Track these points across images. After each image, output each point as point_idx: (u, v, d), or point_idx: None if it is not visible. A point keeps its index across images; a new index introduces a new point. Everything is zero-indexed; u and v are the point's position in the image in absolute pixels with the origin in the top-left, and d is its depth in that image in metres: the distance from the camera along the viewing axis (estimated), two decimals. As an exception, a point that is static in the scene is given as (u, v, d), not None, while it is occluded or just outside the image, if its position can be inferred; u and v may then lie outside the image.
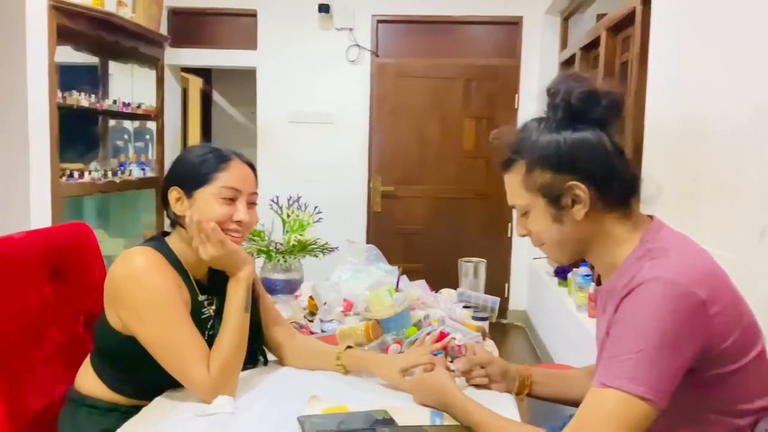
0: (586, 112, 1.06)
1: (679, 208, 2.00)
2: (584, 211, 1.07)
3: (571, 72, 1.15)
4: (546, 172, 1.07)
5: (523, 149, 1.10)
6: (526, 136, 1.10)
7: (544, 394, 1.39)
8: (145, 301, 1.27)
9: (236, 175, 1.37)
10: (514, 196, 1.14)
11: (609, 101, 1.07)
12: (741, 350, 1.02)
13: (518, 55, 4.74)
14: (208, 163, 1.36)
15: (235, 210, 1.36)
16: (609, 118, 1.08)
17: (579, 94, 1.05)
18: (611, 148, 1.07)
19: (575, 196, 1.06)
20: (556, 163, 1.06)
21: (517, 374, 1.38)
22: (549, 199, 1.08)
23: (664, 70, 2.24)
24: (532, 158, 1.08)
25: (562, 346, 3.61)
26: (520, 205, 1.13)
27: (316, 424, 1.13)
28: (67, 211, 3.57)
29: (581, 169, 1.06)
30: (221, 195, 1.34)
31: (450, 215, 4.82)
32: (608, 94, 1.07)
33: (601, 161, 1.06)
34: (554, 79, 1.11)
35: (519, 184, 1.11)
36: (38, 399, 1.42)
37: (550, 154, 1.06)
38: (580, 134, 1.06)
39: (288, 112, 4.81)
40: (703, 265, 1.03)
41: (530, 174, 1.09)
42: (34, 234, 1.56)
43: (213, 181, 1.34)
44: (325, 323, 1.77)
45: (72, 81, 3.62)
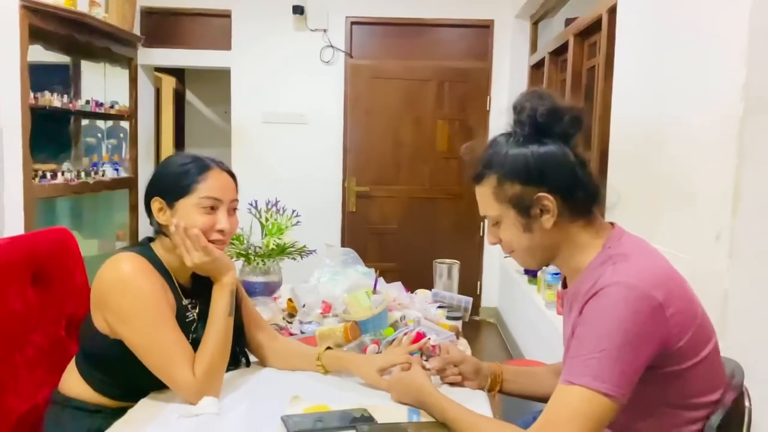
0: (551, 127, 1.13)
1: (642, 211, 2.09)
2: (552, 220, 1.14)
3: (535, 89, 1.21)
4: (516, 185, 1.14)
5: (493, 164, 1.16)
6: (496, 151, 1.17)
7: (514, 390, 1.46)
8: (132, 306, 1.30)
9: (216, 185, 1.40)
10: (485, 207, 1.21)
11: (571, 117, 1.14)
12: (695, 348, 1.10)
13: (490, 57, 4.83)
14: (188, 173, 1.39)
15: (217, 219, 1.40)
16: (572, 132, 1.15)
17: (543, 111, 1.13)
18: (575, 160, 1.14)
19: (543, 206, 1.14)
20: (525, 176, 1.13)
21: (488, 372, 1.45)
22: (519, 209, 1.15)
23: (628, 78, 2.34)
24: (502, 172, 1.15)
25: (531, 341, 3.71)
26: (491, 215, 1.20)
27: (298, 423, 1.17)
28: (40, 212, 3.55)
29: (548, 181, 1.13)
30: (202, 205, 1.38)
31: (423, 215, 4.90)
32: (570, 110, 1.15)
33: (566, 173, 1.13)
34: (520, 96, 1.18)
35: (490, 196, 1.18)
36: (22, 402, 1.44)
37: (519, 168, 1.14)
38: (546, 148, 1.13)
39: (262, 112, 4.82)
40: (660, 269, 1.11)
41: (501, 187, 1.16)
42: (17, 240, 1.58)
43: (194, 192, 1.38)
44: (305, 325, 1.82)
45: (43, 80, 3.59)
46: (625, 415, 1.10)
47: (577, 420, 1.01)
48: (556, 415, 1.04)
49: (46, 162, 3.75)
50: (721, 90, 1.58)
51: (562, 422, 1.02)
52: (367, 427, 1.16)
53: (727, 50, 1.56)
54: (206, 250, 1.36)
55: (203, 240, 1.36)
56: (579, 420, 1.01)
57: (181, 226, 1.35)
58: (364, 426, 1.16)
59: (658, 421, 1.14)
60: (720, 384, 1.17)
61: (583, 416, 1.01)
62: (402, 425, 1.19)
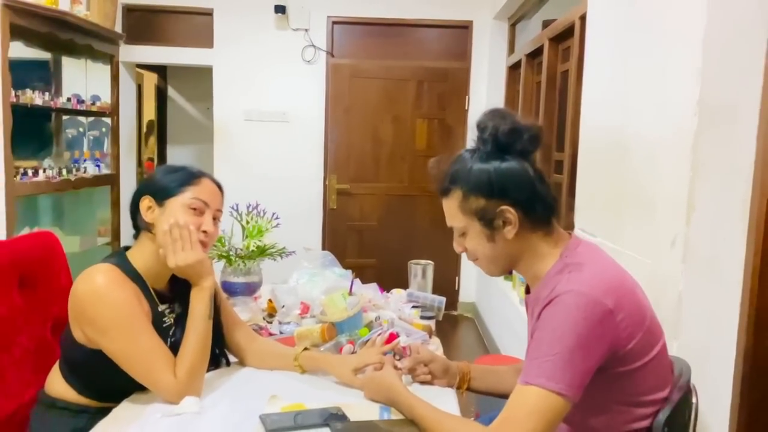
0: (512, 144, 1.22)
1: (607, 215, 2.19)
2: (514, 231, 1.23)
3: (497, 108, 1.29)
4: (480, 199, 1.23)
5: (459, 179, 1.25)
6: (461, 167, 1.25)
7: (480, 388, 1.54)
8: (109, 317, 1.35)
9: (206, 190, 1.48)
10: (452, 218, 1.29)
11: (530, 135, 1.23)
12: (643, 350, 1.19)
13: (468, 58, 4.90)
14: (181, 176, 1.47)
15: (203, 221, 1.46)
16: (531, 149, 1.24)
17: (505, 130, 1.21)
18: (534, 175, 1.23)
19: (506, 218, 1.22)
20: (488, 191, 1.22)
21: (457, 370, 1.53)
22: (483, 221, 1.23)
23: (595, 85, 2.42)
24: (467, 187, 1.24)
25: (507, 336, 3.82)
26: (457, 227, 1.29)
27: (276, 421, 1.24)
28: (21, 210, 3.56)
29: (510, 195, 1.21)
30: (191, 205, 1.45)
31: (402, 212, 4.98)
32: (529, 128, 1.23)
33: (526, 187, 1.22)
34: (483, 115, 1.26)
35: (456, 209, 1.26)
36: (8, 402, 1.49)
37: (482, 183, 1.22)
38: (507, 164, 1.22)
39: (244, 110, 4.86)
40: (612, 278, 1.20)
41: (466, 200, 1.24)
42: (3, 245, 1.62)
43: (184, 193, 1.45)
44: (284, 325, 1.89)
45: (23, 77, 3.59)
46: (580, 412, 1.19)
47: (533, 417, 1.09)
48: (514, 412, 1.12)
49: (27, 159, 3.76)
50: (677, 103, 1.66)
51: (519, 419, 1.10)
52: (340, 424, 1.23)
53: (683, 66, 1.65)
54: (196, 248, 1.42)
55: (195, 236, 1.42)
56: (534, 417, 1.09)
57: (172, 222, 1.41)
58: (337, 424, 1.24)
59: (610, 417, 1.23)
60: (668, 382, 1.26)
61: (539, 413, 1.09)
62: (373, 422, 1.27)
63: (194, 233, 1.43)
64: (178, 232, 1.41)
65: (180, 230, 1.41)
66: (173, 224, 1.41)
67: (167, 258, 1.42)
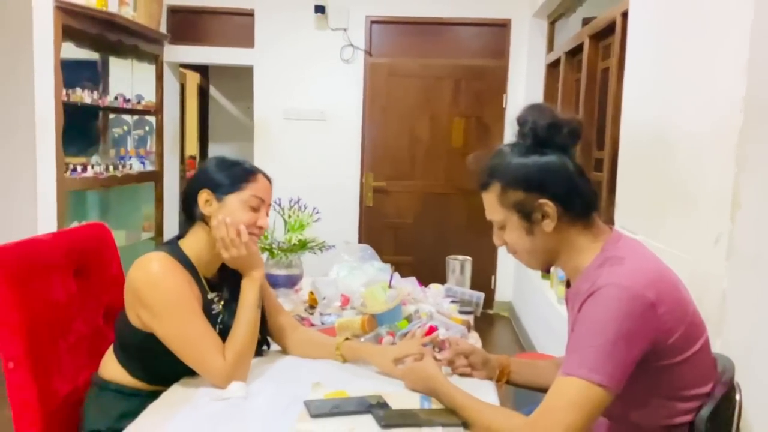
0: (551, 139, 1.23)
1: (648, 212, 2.17)
2: (553, 225, 1.24)
3: (537, 103, 1.30)
4: (518, 192, 1.24)
5: (498, 173, 1.26)
6: (500, 161, 1.27)
7: (519, 381, 1.55)
8: (162, 302, 1.41)
9: (262, 187, 1.55)
10: (491, 212, 1.31)
11: (569, 129, 1.24)
12: (685, 344, 1.19)
13: (506, 56, 4.89)
14: (238, 172, 1.53)
15: (258, 217, 1.53)
16: (570, 143, 1.25)
17: (544, 124, 1.22)
18: (573, 169, 1.24)
19: (544, 212, 1.23)
20: (527, 185, 1.23)
21: (496, 363, 1.55)
22: (522, 214, 1.25)
23: (637, 82, 2.40)
24: (506, 181, 1.25)
25: (543, 335, 3.80)
26: (496, 220, 1.30)
27: (319, 407, 1.28)
28: (71, 204, 3.70)
29: (548, 189, 1.22)
30: (250, 203, 1.51)
31: (438, 210, 4.99)
32: (569, 122, 1.24)
33: (564, 181, 1.23)
34: (522, 110, 1.28)
35: (495, 202, 1.28)
36: (65, 385, 1.56)
37: (521, 177, 1.23)
38: (546, 159, 1.23)
39: (283, 109, 4.94)
40: (653, 271, 1.20)
41: (505, 194, 1.26)
42: (60, 235, 1.70)
43: (243, 190, 1.51)
44: (325, 316, 1.93)
45: (73, 76, 3.73)
46: (620, 406, 1.20)
47: (573, 408, 1.10)
48: (554, 403, 1.13)
49: (76, 156, 3.90)
50: (723, 99, 1.64)
51: (559, 410, 1.11)
52: (382, 411, 1.26)
53: (729, 61, 1.63)
54: (247, 245, 1.48)
55: (246, 235, 1.48)
56: (575, 408, 1.10)
57: (226, 221, 1.47)
58: (379, 411, 1.26)
59: (651, 411, 1.23)
60: (710, 378, 1.25)
61: (579, 405, 1.10)
62: (414, 411, 1.29)
63: (244, 233, 1.48)
64: (225, 230, 1.47)
65: (228, 229, 1.47)
66: (222, 222, 1.47)
67: (221, 250, 1.49)
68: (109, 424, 1.45)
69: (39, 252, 1.56)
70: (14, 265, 1.46)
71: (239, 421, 1.26)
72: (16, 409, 1.44)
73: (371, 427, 1.21)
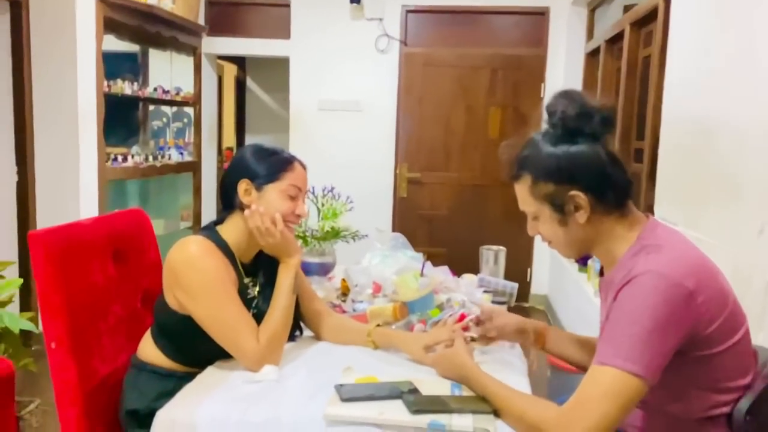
0: (582, 127, 1.20)
1: (688, 202, 2.11)
2: (586, 216, 1.21)
3: (567, 90, 1.27)
4: (549, 184, 1.22)
5: (528, 164, 1.24)
6: (530, 152, 1.24)
7: (553, 350, 1.53)
8: (199, 284, 1.44)
9: (299, 176, 1.57)
10: (523, 203, 1.29)
11: (601, 117, 1.20)
12: (725, 335, 1.16)
13: (544, 45, 4.81)
14: (277, 162, 1.55)
15: (296, 205, 1.55)
16: (602, 131, 1.21)
17: (573, 113, 1.19)
18: (605, 158, 1.20)
19: (576, 203, 1.21)
20: (557, 176, 1.21)
21: (532, 329, 1.53)
22: (554, 206, 1.23)
23: (679, 70, 2.34)
24: (536, 172, 1.23)
25: (580, 328, 3.74)
26: (529, 211, 1.29)
27: (350, 391, 1.28)
28: (112, 193, 3.80)
29: (580, 180, 1.20)
30: (288, 192, 1.54)
31: (473, 202, 4.95)
32: (600, 110, 1.21)
33: (596, 172, 1.20)
34: (552, 98, 1.24)
35: (527, 194, 1.26)
36: (105, 365, 1.60)
37: (551, 169, 1.21)
38: (577, 148, 1.20)
39: (319, 99, 4.96)
40: (692, 259, 1.16)
41: (536, 185, 1.24)
42: (100, 220, 1.74)
43: (282, 179, 1.53)
44: (357, 303, 1.94)
45: (114, 68, 3.82)
46: (657, 396, 1.17)
47: (608, 398, 1.08)
48: (588, 393, 1.11)
49: (117, 146, 4.00)
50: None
51: (593, 400, 1.09)
52: (412, 397, 1.26)
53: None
54: (283, 233, 1.51)
55: (281, 224, 1.51)
56: (609, 398, 1.07)
57: (260, 211, 1.49)
58: (410, 397, 1.26)
59: (688, 402, 1.20)
60: (750, 369, 1.21)
61: (614, 395, 1.07)
62: (444, 397, 1.29)
63: (279, 222, 1.50)
64: (259, 220, 1.49)
65: (263, 218, 1.49)
66: (256, 212, 1.49)
67: (258, 238, 1.51)
68: (147, 404, 1.48)
69: (79, 236, 1.60)
70: (56, 248, 1.50)
71: (271, 403, 1.27)
72: (58, 387, 1.48)
73: (401, 413, 1.20)
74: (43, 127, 3.47)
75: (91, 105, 3.50)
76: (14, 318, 2.33)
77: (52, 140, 3.48)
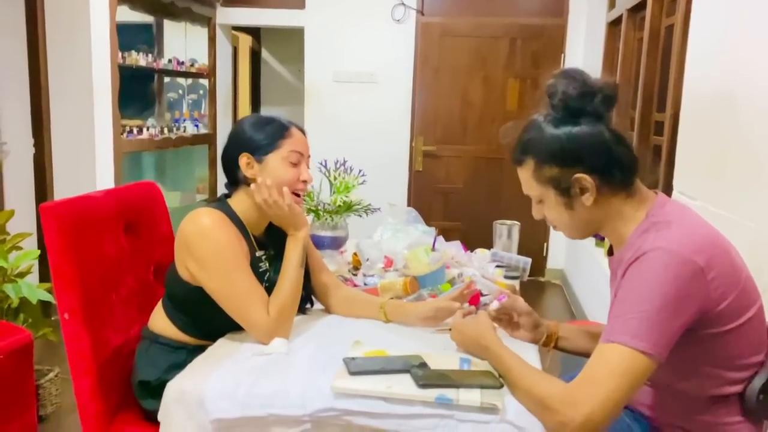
0: (583, 107, 1.17)
1: (707, 178, 2.06)
2: (592, 198, 1.18)
3: (566, 69, 1.23)
4: (553, 168, 1.19)
5: (530, 148, 1.22)
6: (533, 136, 1.21)
7: (568, 347, 1.51)
8: (211, 255, 1.44)
9: (299, 140, 1.55)
10: (527, 187, 1.27)
11: (603, 96, 1.17)
12: (737, 312, 1.13)
13: (565, 14, 4.70)
14: (274, 131, 1.53)
15: (300, 171, 1.54)
16: (605, 109, 1.18)
17: (574, 93, 1.16)
18: (609, 137, 1.17)
19: (582, 186, 1.18)
20: (561, 159, 1.18)
21: (546, 329, 1.51)
22: (559, 190, 1.20)
23: (703, 39, 2.26)
24: (539, 156, 1.20)
25: (596, 304, 3.72)
26: (533, 195, 1.26)
27: (359, 365, 1.28)
28: (127, 166, 3.81)
29: (584, 162, 1.17)
30: (290, 159, 1.52)
31: (490, 175, 4.90)
32: (602, 89, 1.17)
33: (601, 152, 1.17)
34: (552, 78, 1.21)
35: (531, 178, 1.24)
36: (117, 336, 1.62)
37: (554, 152, 1.18)
38: (579, 129, 1.17)
39: (333, 71, 4.91)
40: (703, 235, 1.13)
41: (539, 169, 1.21)
42: (111, 193, 1.74)
43: (281, 147, 1.52)
44: (368, 277, 1.93)
45: (128, 40, 3.81)
46: (666, 374, 1.15)
47: (615, 376, 1.06)
48: (595, 370, 1.09)
49: (132, 118, 4.01)
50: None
51: (600, 378, 1.07)
52: (420, 371, 1.25)
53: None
54: (290, 206, 1.50)
55: (289, 197, 1.50)
56: (617, 376, 1.06)
57: (267, 183, 1.48)
58: (418, 371, 1.26)
59: (699, 380, 1.18)
60: (763, 347, 1.19)
61: (621, 373, 1.06)
62: (452, 372, 1.28)
63: (287, 194, 1.50)
64: (266, 192, 1.49)
65: (270, 190, 1.48)
66: (262, 185, 1.48)
67: (266, 211, 1.51)
68: (159, 375, 1.49)
69: (91, 208, 1.61)
70: (68, 220, 1.50)
71: (280, 376, 1.28)
72: (72, 357, 1.51)
73: (409, 386, 1.20)
74: (59, 100, 3.48)
75: (106, 77, 3.50)
76: (32, 288, 2.36)
77: (67, 113, 3.49)
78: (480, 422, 1.15)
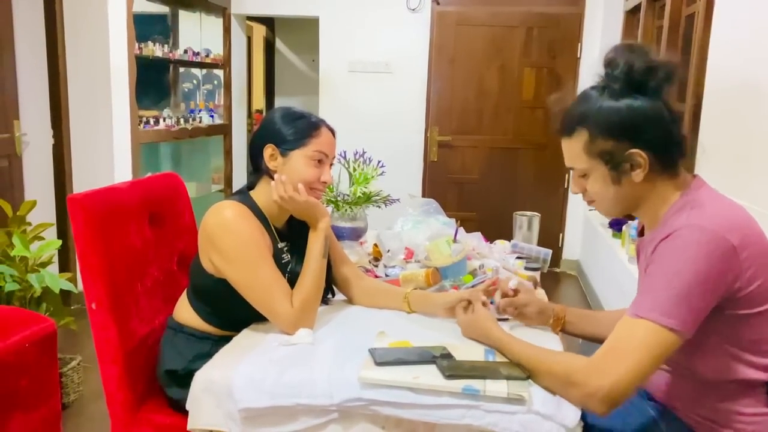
0: (645, 82, 1.15)
1: (731, 166, 2.04)
2: (643, 175, 1.17)
3: (629, 42, 1.23)
4: (608, 141, 1.17)
5: (586, 118, 1.19)
6: (589, 107, 1.19)
7: (575, 332, 1.51)
8: (235, 248, 1.45)
9: (326, 141, 1.54)
10: (574, 159, 1.24)
11: (666, 73, 1.15)
12: (765, 295, 1.12)
13: (582, 2, 4.65)
14: (304, 127, 1.53)
15: (322, 172, 1.54)
16: (665, 86, 1.17)
17: (640, 67, 1.14)
18: (668, 115, 1.16)
19: (635, 162, 1.17)
20: (619, 132, 1.16)
21: (552, 313, 1.51)
22: (610, 164, 1.19)
23: (727, 28, 2.23)
24: (595, 128, 1.18)
25: (612, 295, 3.70)
26: (579, 168, 1.24)
27: (383, 355, 1.28)
28: (144, 156, 3.84)
29: (642, 138, 1.15)
30: (313, 158, 1.52)
31: (506, 166, 4.88)
32: (666, 65, 1.16)
33: (660, 129, 1.16)
34: (613, 50, 1.19)
35: (581, 150, 1.21)
36: (143, 326, 1.64)
37: (612, 125, 1.16)
38: (640, 104, 1.15)
39: (348, 61, 4.89)
40: (736, 216, 1.13)
41: (593, 141, 1.19)
42: (136, 184, 1.76)
43: (307, 145, 1.52)
44: (389, 269, 1.93)
45: (144, 30, 3.82)
46: (685, 353, 1.14)
47: (641, 350, 1.06)
48: (621, 344, 1.09)
49: (148, 109, 4.03)
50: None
51: (626, 351, 1.07)
52: (446, 362, 1.26)
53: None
54: (308, 201, 1.50)
55: (304, 195, 1.50)
56: (643, 350, 1.06)
57: (282, 179, 1.49)
58: (443, 362, 1.26)
59: (720, 362, 1.17)
60: None
61: (647, 347, 1.06)
62: (478, 363, 1.28)
63: (302, 191, 1.50)
64: (282, 189, 1.49)
65: (285, 187, 1.49)
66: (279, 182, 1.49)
67: (284, 206, 1.52)
68: (184, 365, 1.51)
69: (117, 199, 1.62)
70: (95, 212, 1.52)
71: (307, 365, 1.29)
72: (100, 346, 1.53)
73: (436, 377, 1.21)
74: (77, 90, 3.50)
75: (123, 68, 3.51)
76: (54, 278, 2.39)
77: (86, 103, 3.51)
78: (507, 413, 1.16)
